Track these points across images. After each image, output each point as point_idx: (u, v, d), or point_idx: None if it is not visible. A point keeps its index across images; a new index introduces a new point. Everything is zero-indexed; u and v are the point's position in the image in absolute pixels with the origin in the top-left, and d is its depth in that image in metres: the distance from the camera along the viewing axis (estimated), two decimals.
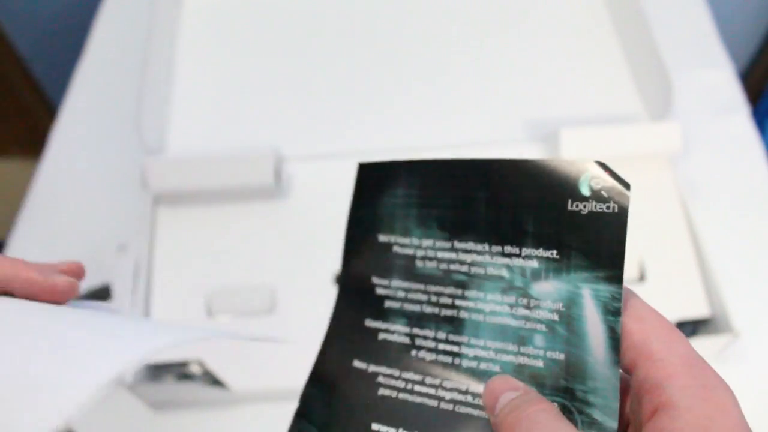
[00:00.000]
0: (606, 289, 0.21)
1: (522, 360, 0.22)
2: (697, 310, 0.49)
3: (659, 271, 0.50)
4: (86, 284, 0.49)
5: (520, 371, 0.22)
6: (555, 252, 0.22)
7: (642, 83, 0.59)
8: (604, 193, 0.22)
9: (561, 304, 0.22)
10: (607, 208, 0.22)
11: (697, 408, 0.18)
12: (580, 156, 0.49)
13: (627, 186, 0.22)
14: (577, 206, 0.22)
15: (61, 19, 1.03)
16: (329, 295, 0.49)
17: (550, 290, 0.22)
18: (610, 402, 0.20)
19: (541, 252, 0.23)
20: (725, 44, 0.67)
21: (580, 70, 0.62)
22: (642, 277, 0.50)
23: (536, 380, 0.22)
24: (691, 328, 0.49)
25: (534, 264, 0.23)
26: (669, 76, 0.54)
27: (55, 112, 0.67)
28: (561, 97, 0.60)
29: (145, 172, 0.50)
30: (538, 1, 0.67)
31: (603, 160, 0.22)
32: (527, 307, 0.23)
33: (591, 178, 0.22)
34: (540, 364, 0.22)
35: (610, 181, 0.22)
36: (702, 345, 0.47)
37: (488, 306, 0.23)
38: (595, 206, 0.22)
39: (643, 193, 0.52)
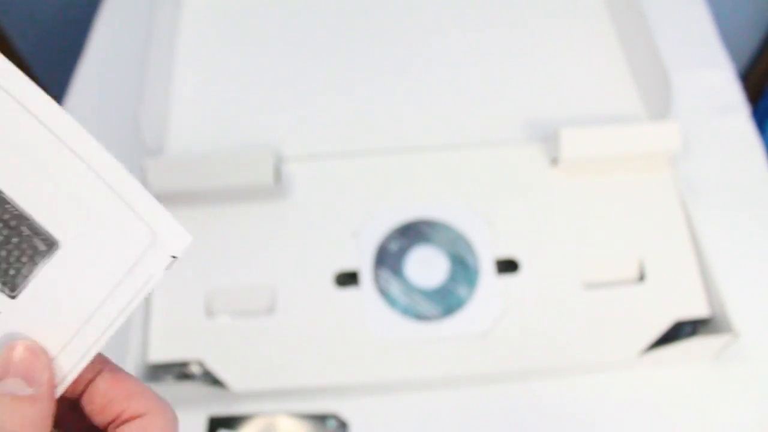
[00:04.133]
0: None
1: None
2: (697, 310, 0.49)
3: (659, 271, 0.50)
4: None
5: None
6: None
7: (642, 83, 0.59)
8: None
9: None
10: None
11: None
12: None
13: None
14: None
15: (61, 19, 1.03)
16: (329, 295, 0.49)
17: None
18: None
19: None
20: (725, 44, 0.67)
21: (580, 70, 0.62)
22: (642, 277, 0.50)
23: None
24: (691, 328, 0.49)
25: None
26: (669, 76, 0.54)
27: None
28: (561, 97, 0.60)
29: (145, 172, 0.50)
30: (538, 1, 0.67)
31: (603, 160, 0.22)
32: None
33: None
34: None
35: None
36: (702, 345, 0.47)
37: None
38: None
39: (643, 193, 0.52)
